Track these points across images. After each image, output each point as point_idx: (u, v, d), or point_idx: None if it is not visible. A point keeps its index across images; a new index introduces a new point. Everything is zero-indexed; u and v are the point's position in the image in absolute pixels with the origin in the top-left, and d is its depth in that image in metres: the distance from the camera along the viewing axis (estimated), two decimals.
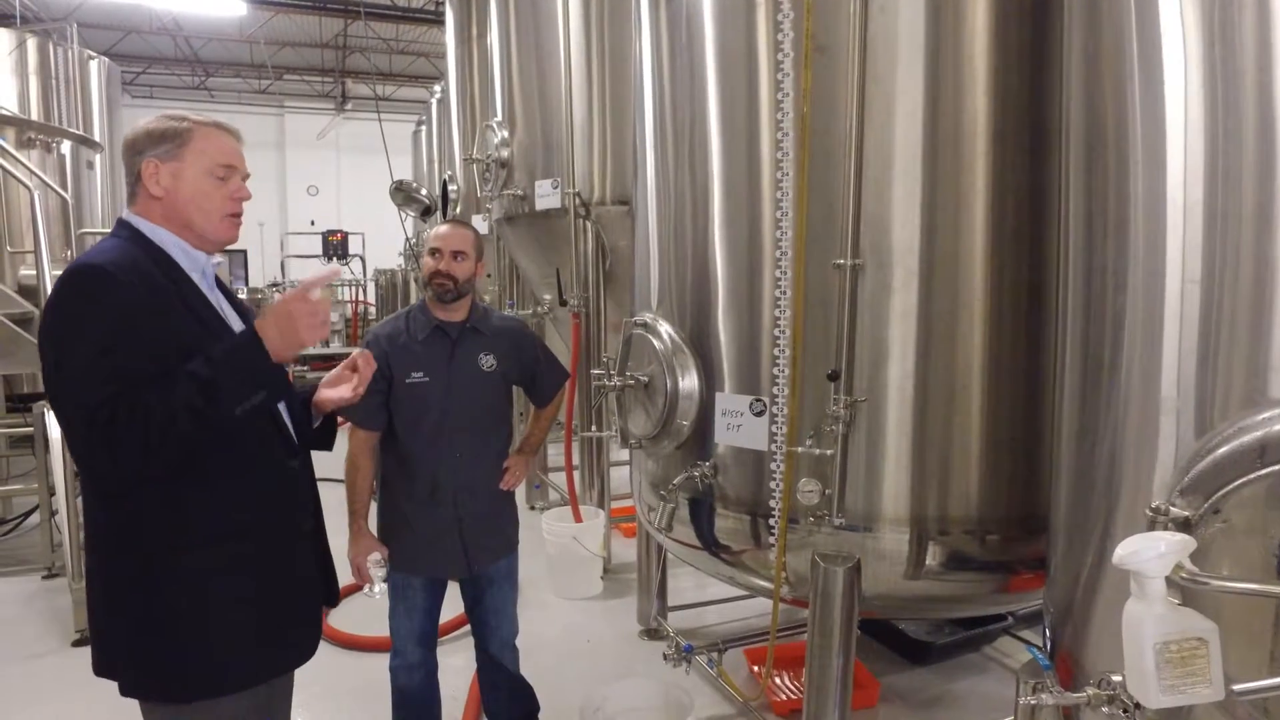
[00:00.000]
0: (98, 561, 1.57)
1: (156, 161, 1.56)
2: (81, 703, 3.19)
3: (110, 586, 1.54)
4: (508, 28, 4.75)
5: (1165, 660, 0.96)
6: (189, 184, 1.58)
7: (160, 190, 1.57)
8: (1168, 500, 1.14)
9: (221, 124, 1.65)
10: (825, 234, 2.28)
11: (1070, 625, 1.52)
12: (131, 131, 1.60)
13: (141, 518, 1.50)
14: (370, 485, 2.40)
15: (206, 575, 1.54)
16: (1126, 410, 1.40)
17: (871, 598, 2.35)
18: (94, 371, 1.39)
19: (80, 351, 1.40)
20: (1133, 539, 1.02)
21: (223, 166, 1.61)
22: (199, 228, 1.60)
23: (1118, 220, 1.39)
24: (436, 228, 2.43)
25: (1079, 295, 1.55)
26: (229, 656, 1.57)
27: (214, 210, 1.61)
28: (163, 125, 1.59)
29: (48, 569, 4.51)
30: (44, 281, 4.15)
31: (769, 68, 2.34)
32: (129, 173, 1.59)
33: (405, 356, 2.30)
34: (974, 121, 2.21)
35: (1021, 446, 2.35)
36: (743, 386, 2.49)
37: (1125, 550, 0.99)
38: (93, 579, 1.59)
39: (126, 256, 1.49)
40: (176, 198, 1.58)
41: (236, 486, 1.57)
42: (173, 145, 1.57)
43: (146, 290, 1.46)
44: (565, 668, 3.40)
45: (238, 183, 1.64)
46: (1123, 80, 1.34)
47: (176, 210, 1.58)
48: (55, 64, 7.44)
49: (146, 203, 1.59)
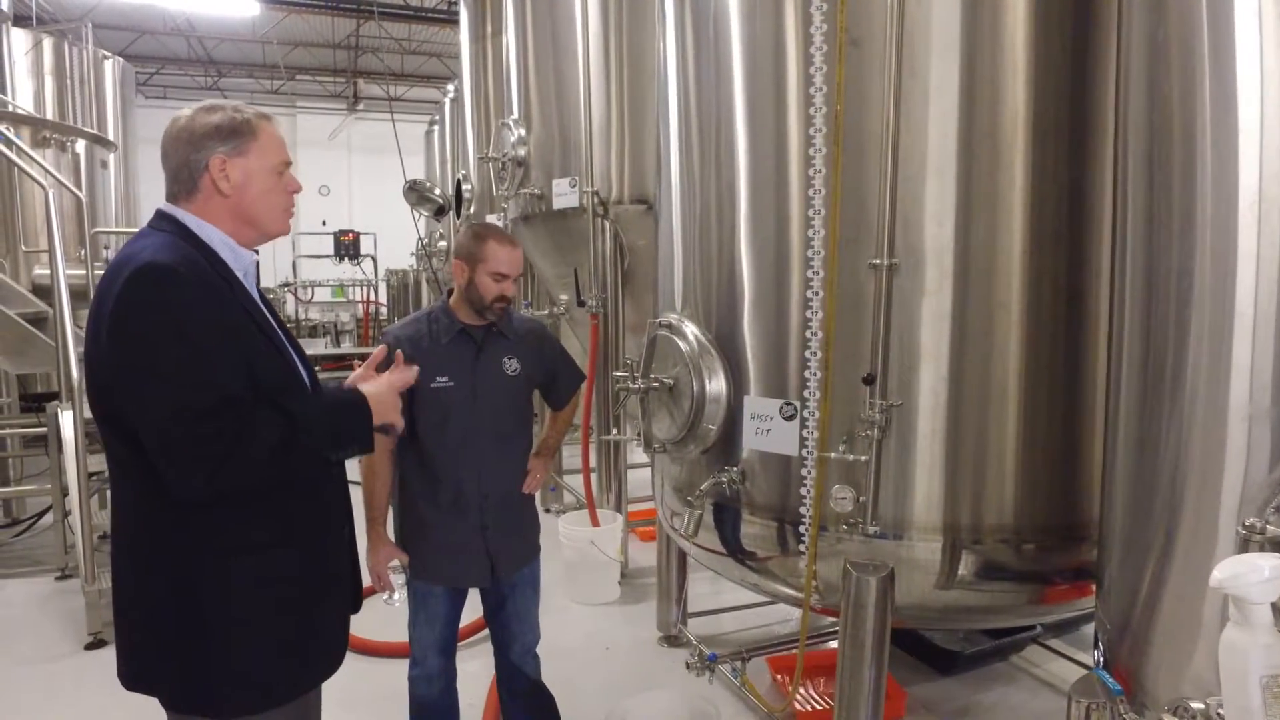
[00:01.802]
0: (133, 568, 1.51)
1: (224, 157, 1.50)
2: (95, 706, 3.16)
3: (147, 595, 1.49)
4: (524, 24, 4.70)
5: (1273, 695, 0.88)
6: (258, 181, 1.53)
7: (229, 188, 1.50)
8: (1261, 516, 1.08)
9: (270, 115, 1.60)
10: (857, 233, 2.22)
11: (1128, 641, 1.45)
12: (187, 124, 1.51)
13: (186, 525, 1.45)
14: (389, 491, 2.34)
15: (253, 583, 1.49)
16: (1191, 419, 1.33)
17: (903, 608, 2.28)
18: (189, 374, 1.36)
19: (171, 354, 1.35)
20: (1231, 561, 0.95)
21: (283, 161, 1.57)
22: (264, 225, 1.57)
23: (1183, 219, 1.32)
24: (497, 249, 2.27)
25: (1138, 299, 1.48)
26: (274, 667, 1.52)
27: (277, 205, 1.58)
28: (227, 119, 1.51)
29: (61, 570, 4.49)
30: (58, 281, 4.11)
31: (798, 63, 2.28)
32: (183, 167, 1.50)
33: (429, 361, 2.23)
34: (1014, 116, 2.15)
35: (1059, 453, 2.29)
36: (770, 389, 2.43)
37: (1224, 573, 0.92)
38: (124, 587, 1.53)
39: (185, 255, 1.43)
40: (245, 195, 1.52)
41: (281, 494, 1.52)
42: (241, 141, 1.51)
43: (214, 292, 1.44)
44: (584, 675, 3.35)
45: (290, 175, 1.61)
46: (1191, 70, 1.28)
47: (243, 208, 1.53)
48: (70, 64, 7.45)
49: (209, 200, 1.51)
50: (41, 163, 4.80)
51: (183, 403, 1.34)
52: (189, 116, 1.52)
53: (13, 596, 4.30)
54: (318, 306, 14.92)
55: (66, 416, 3.97)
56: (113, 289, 1.38)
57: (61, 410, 4.12)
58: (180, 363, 1.35)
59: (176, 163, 1.51)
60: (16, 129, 5.59)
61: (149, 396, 1.36)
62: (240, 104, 1.57)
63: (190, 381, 1.35)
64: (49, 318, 4.99)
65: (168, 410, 1.34)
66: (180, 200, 1.52)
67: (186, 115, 1.53)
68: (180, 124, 1.51)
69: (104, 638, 3.67)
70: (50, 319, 4.82)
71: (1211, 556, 1.27)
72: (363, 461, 2.32)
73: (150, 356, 1.35)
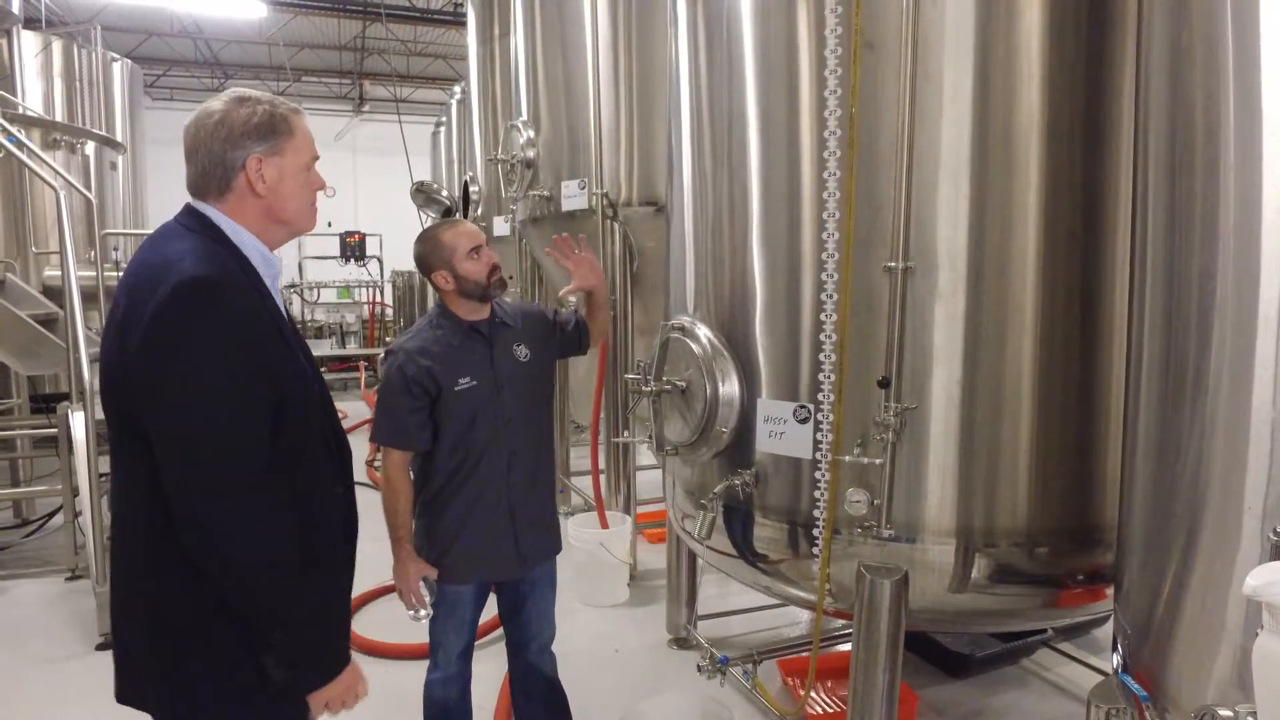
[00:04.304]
0: (160, 587, 1.43)
1: (261, 157, 1.44)
2: (107, 707, 3.15)
3: (180, 611, 1.43)
4: (533, 26, 4.70)
5: None
6: (291, 180, 1.48)
7: (264, 188, 1.46)
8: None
9: (299, 108, 1.55)
10: (870, 236, 2.22)
11: (1149, 645, 1.44)
12: (222, 119, 1.44)
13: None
14: (411, 507, 2.31)
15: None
16: (1214, 423, 1.32)
17: (916, 611, 2.28)
18: (234, 401, 1.34)
19: (211, 379, 1.33)
20: (1265, 568, 0.94)
21: (314, 157, 1.53)
22: (295, 223, 1.53)
23: (1206, 224, 1.32)
24: (453, 236, 2.26)
25: (1159, 302, 1.47)
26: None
27: (306, 203, 1.53)
28: (265, 116, 1.45)
29: (71, 571, 4.50)
30: (70, 282, 4.13)
31: (812, 65, 2.28)
32: (216, 165, 1.44)
33: (448, 366, 2.23)
34: (1028, 119, 2.15)
35: (1073, 456, 2.29)
36: (782, 392, 2.43)
37: (1259, 581, 0.91)
38: (147, 601, 1.46)
39: (226, 267, 1.39)
40: (278, 195, 1.47)
41: (307, 511, 1.47)
42: (278, 139, 1.46)
43: (255, 312, 1.41)
44: (594, 677, 3.34)
45: (315, 170, 1.56)
46: (1215, 74, 1.27)
47: (275, 208, 1.48)
48: (79, 66, 7.49)
49: (242, 199, 1.46)
50: (53, 165, 4.82)
51: (231, 427, 1.32)
52: (223, 110, 1.45)
53: (23, 597, 4.31)
54: (323, 307, 14.93)
55: (78, 417, 3.98)
56: (152, 295, 1.32)
57: (73, 411, 4.13)
58: (221, 388, 1.33)
59: (208, 159, 1.44)
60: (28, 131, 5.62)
61: (191, 407, 1.32)
62: (271, 96, 1.51)
63: (238, 406, 1.33)
64: (59, 319, 5.02)
65: (212, 433, 1.32)
66: (210, 197, 1.47)
67: (219, 109, 1.45)
68: (214, 119, 1.44)
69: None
70: (61, 320, 4.84)
71: (1234, 560, 1.27)
72: (382, 481, 2.31)
73: (183, 368, 1.32)
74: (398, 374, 2.23)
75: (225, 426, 1.33)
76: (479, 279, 2.26)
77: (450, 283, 2.27)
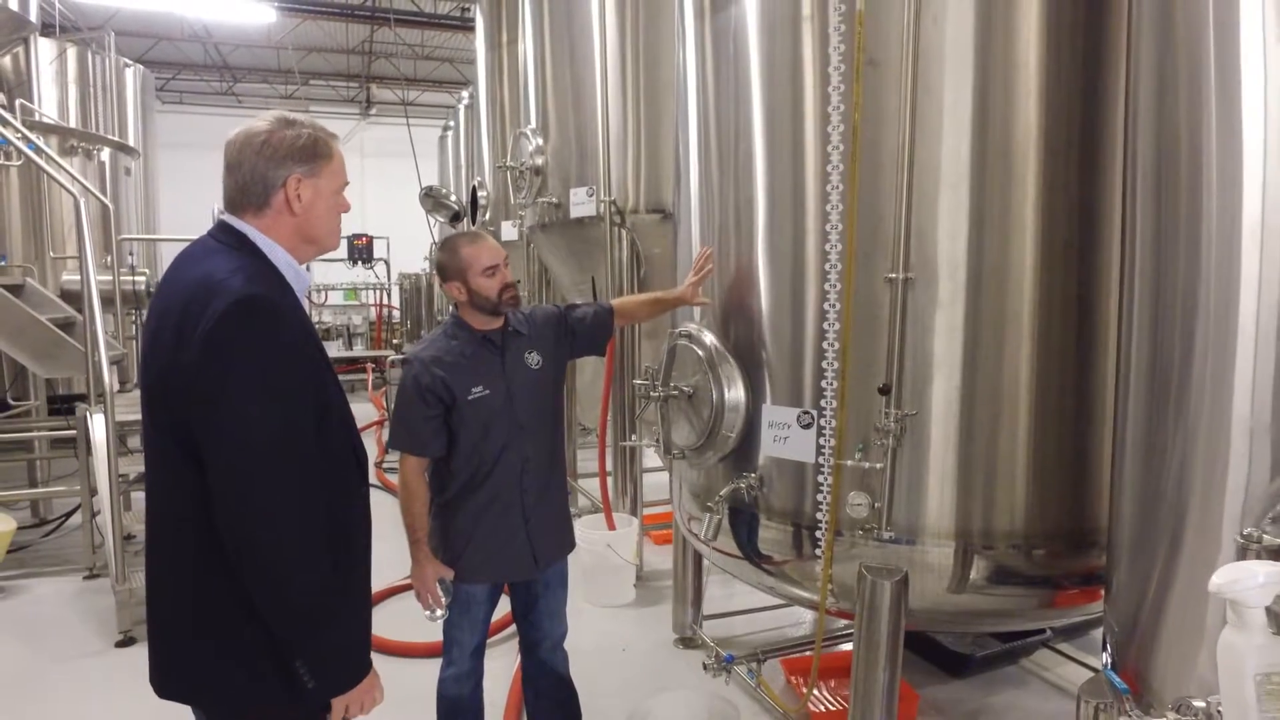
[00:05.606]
0: (193, 582, 1.49)
1: (300, 177, 1.50)
2: (126, 704, 3.24)
3: (213, 610, 1.48)
4: (542, 33, 4.77)
5: (1267, 693, 0.95)
6: (324, 201, 1.55)
7: (300, 207, 1.52)
8: (1259, 526, 1.14)
9: (337, 135, 1.62)
10: (872, 247, 2.28)
11: (1136, 643, 1.51)
12: (268, 138, 1.49)
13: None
14: (427, 510, 2.38)
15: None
16: (1196, 429, 1.39)
17: (916, 611, 2.34)
18: (290, 401, 1.41)
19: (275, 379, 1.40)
20: (1229, 567, 1.01)
21: (345, 183, 1.59)
22: (322, 242, 1.59)
23: (1189, 240, 1.39)
24: (473, 251, 2.31)
25: (1146, 312, 1.54)
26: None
27: (335, 225, 1.60)
28: (309, 140, 1.51)
29: (89, 569, 4.58)
30: (89, 287, 4.21)
31: (815, 81, 2.35)
32: (256, 181, 1.50)
33: (461, 375, 2.29)
34: (1026, 133, 2.21)
35: (1069, 461, 2.34)
36: (786, 398, 2.49)
37: (1223, 579, 0.99)
38: (175, 596, 1.52)
39: (272, 284, 1.47)
40: (311, 215, 1.54)
41: (342, 514, 1.55)
42: (318, 163, 1.52)
43: (304, 331, 1.48)
44: (601, 676, 3.41)
45: (344, 195, 1.63)
46: (1198, 100, 1.34)
47: (306, 227, 1.55)
48: (93, 72, 7.59)
49: (278, 216, 1.52)
50: (70, 170, 4.91)
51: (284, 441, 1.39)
52: (268, 130, 1.50)
53: (43, 595, 4.39)
54: (331, 309, 15.05)
55: (98, 419, 4.06)
56: (204, 310, 1.38)
57: (92, 413, 4.21)
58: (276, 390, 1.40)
59: (249, 175, 1.49)
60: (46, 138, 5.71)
61: (240, 409, 1.38)
62: (313, 121, 1.57)
63: (282, 406, 1.40)
64: (77, 323, 5.11)
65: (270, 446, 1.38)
66: (246, 213, 1.52)
67: (264, 128, 1.50)
68: (260, 137, 1.49)
69: (134, 636, 3.75)
70: (79, 324, 4.93)
71: (1214, 562, 1.33)
72: (399, 486, 2.38)
73: (251, 378, 1.39)
74: (413, 383, 2.30)
75: (281, 421, 1.39)
76: (490, 296, 2.32)
77: (463, 294, 2.34)
